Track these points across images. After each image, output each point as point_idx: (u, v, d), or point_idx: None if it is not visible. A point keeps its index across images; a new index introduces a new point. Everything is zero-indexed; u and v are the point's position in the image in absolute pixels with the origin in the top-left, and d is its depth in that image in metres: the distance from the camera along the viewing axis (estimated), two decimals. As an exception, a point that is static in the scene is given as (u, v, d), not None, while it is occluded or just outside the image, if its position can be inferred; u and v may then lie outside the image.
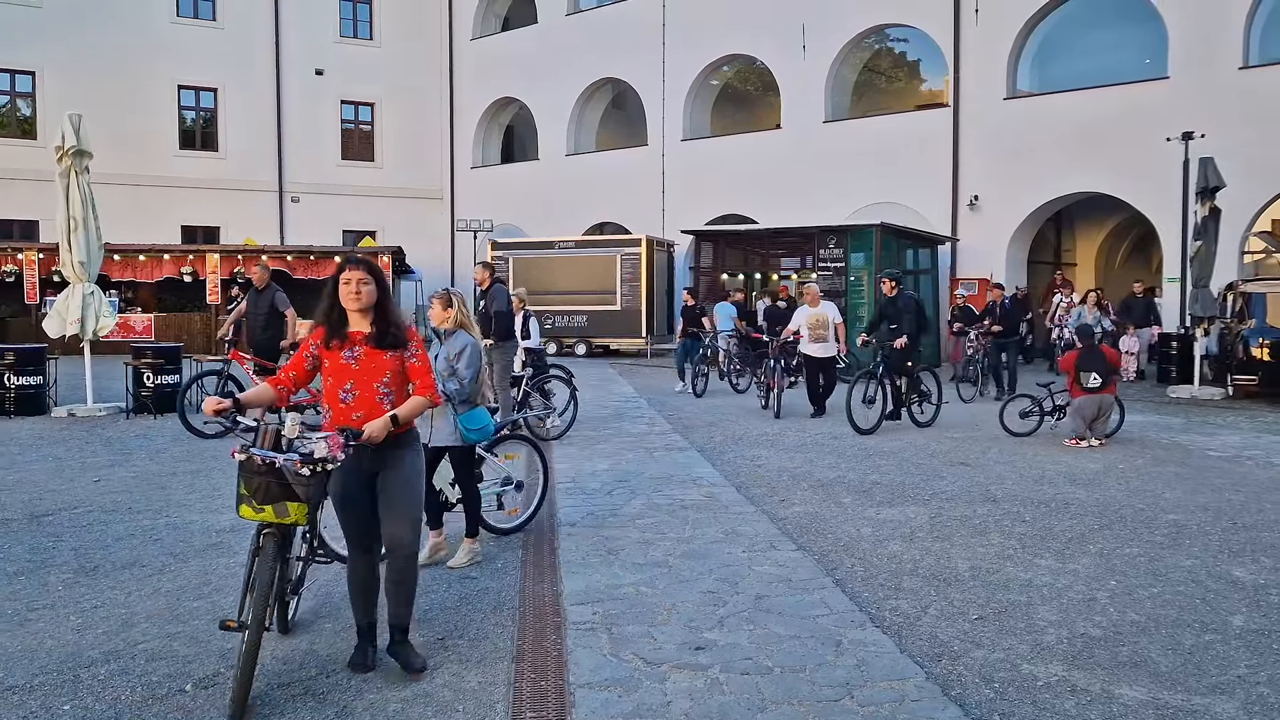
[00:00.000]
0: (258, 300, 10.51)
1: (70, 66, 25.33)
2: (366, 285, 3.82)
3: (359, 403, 3.80)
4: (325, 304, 3.88)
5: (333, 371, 3.83)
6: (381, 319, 3.87)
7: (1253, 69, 16.85)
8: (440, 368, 5.33)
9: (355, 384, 3.81)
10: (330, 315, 3.86)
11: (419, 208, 29.79)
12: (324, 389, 3.84)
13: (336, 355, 3.83)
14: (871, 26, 21.97)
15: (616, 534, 6.12)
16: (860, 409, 10.47)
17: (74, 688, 3.76)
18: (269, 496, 3.54)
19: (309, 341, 3.86)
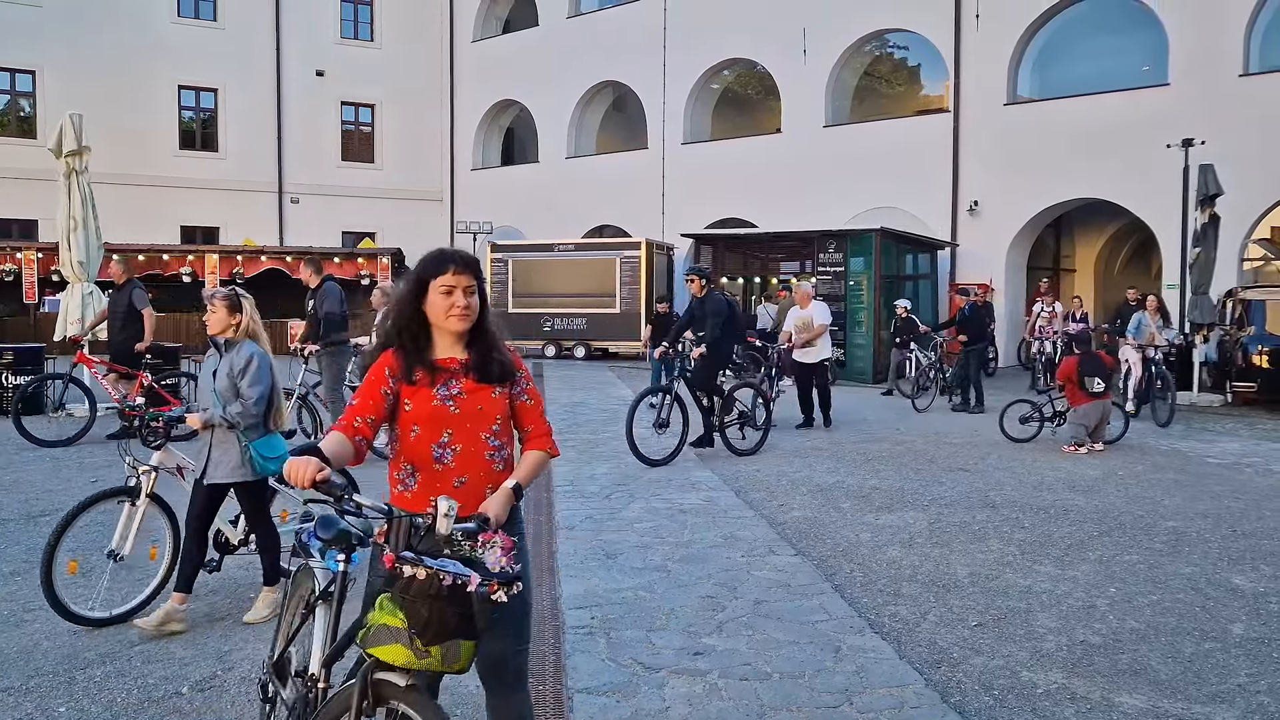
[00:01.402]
0: (116, 298, 9.95)
1: (70, 66, 25.31)
2: (473, 296, 2.70)
3: (463, 463, 2.70)
4: (400, 318, 2.73)
5: (421, 417, 2.67)
6: (482, 341, 2.76)
7: (1253, 76, 16.88)
8: (220, 386, 4.52)
9: (455, 435, 2.68)
10: (410, 336, 2.71)
11: (419, 209, 29.78)
12: (401, 439, 2.71)
13: (425, 394, 2.67)
14: (872, 31, 21.99)
15: (615, 538, 6.11)
16: (648, 434, 8.78)
17: (70, 689, 3.74)
18: (442, 633, 2.29)
19: (379, 369, 2.69)
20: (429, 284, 2.69)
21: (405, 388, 2.67)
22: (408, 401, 2.67)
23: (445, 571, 2.28)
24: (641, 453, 8.48)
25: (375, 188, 29.19)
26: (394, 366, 2.68)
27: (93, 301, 11.88)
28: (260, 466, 4.58)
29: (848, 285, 17.47)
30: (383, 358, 2.73)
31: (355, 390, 2.99)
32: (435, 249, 2.80)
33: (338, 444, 2.54)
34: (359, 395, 2.68)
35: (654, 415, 8.83)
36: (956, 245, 20.40)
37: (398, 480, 2.75)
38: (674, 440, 8.85)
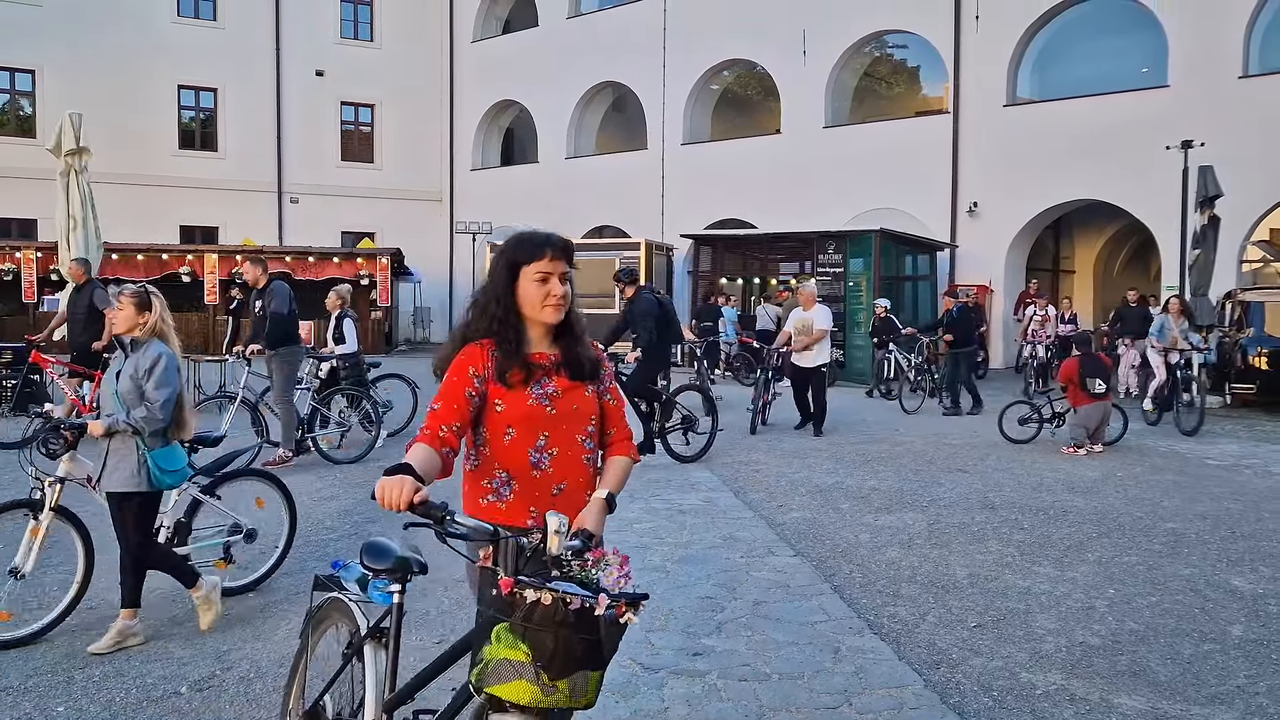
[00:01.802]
0: (76, 299, 9.84)
1: (70, 65, 25.30)
2: (567, 284, 2.52)
3: (561, 468, 2.47)
4: (493, 308, 2.47)
5: (516, 418, 2.42)
6: (570, 334, 2.55)
7: (1253, 78, 16.89)
8: (123, 388, 4.21)
9: (552, 437, 2.45)
10: (505, 329, 2.45)
11: (418, 209, 29.77)
12: (490, 445, 2.45)
13: (520, 394, 2.42)
14: (872, 32, 22.00)
15: (614, 538, 6.07)
16: None
17: (68, 689, 3.74)
18: (569, 664, 2.03)
19: (462, 369, 2.41)
20: (521, 270, 2.45)
21: (496, 388, 2.42)
22: (499, 402, 2.42)
23: (571, 595, 2.00)
24: None
25: (375, 188, 29.18)
26: (482, 364, 2.41)
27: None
28: (156, 479, 4.24)
29: (847, 286, 17.48)
30: (464, 356, 2.44)
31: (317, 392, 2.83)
32: (525, 231, 2.53)
33: (425, 458, 2.26)
34: (440, 400, 2.38)
35: None
36: (956, 246, 20.41)
37: (487, 490, 2.47)
38: None
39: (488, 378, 2.41)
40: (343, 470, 8.31)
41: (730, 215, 23.53)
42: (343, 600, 2.65)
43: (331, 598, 2.71)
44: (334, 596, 2.69)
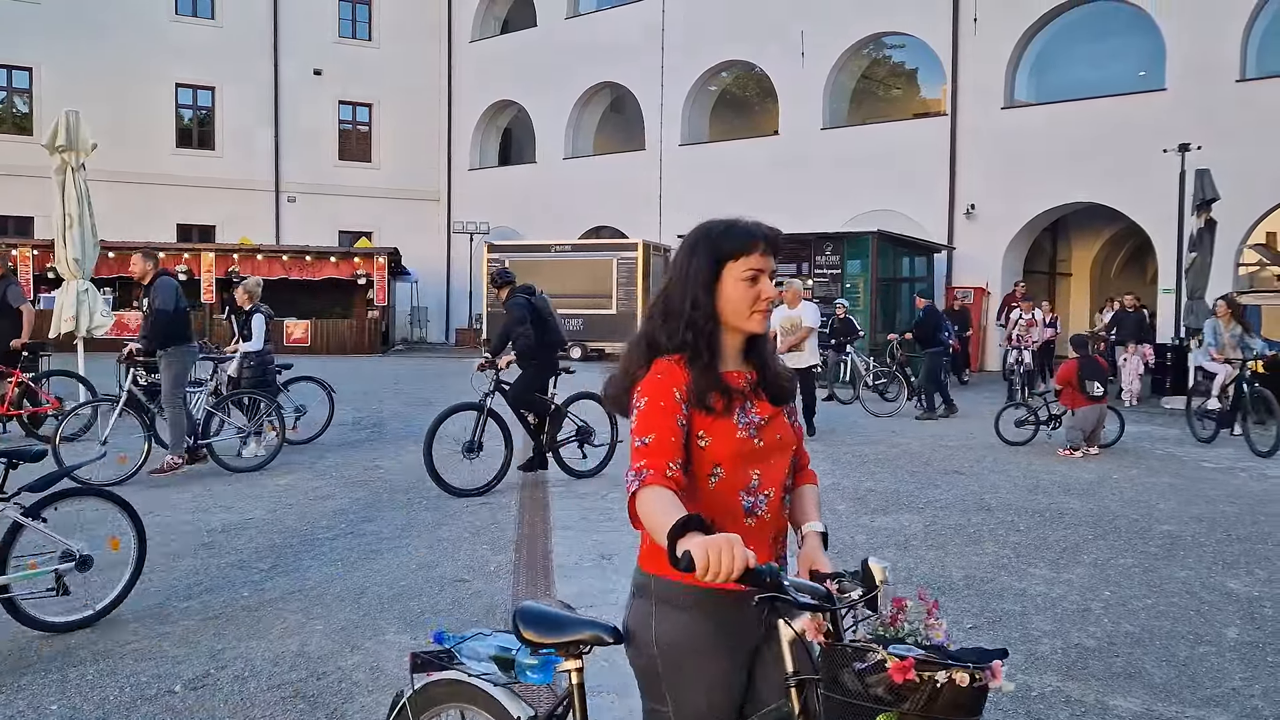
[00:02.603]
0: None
1: (68, 63, 25.27)
2: (775, 286, 2.09)
3: (775, 512, 2.06)
4: (689, 316, 1.99)
5: (724, 453, 1.97)
6: (762, 348, 2.11)
7: (1250, 81, 16.92)
8: None
9: (763, 476, 2.02)
10: (704, 341, 1.99)
11: (416, 209, 29.76)
12: (693, 485, 1.94)
13: (726, 424, 1.97)
14: (870, 34, 22.03)
15: (610, 538, 6.10)
16: (451, 458, 7.56)
17: (62, 687, 3.73)
18: None
19: (666, 390, 1.93)
20: (726, 266, 2.00)
21: (699, 416, 1.94)
22: (704, 435, 1.94)
23: (961, 668, 1.63)
24: (445, 480, 7.23)
25: (372, 187, 29.17)
26: (684, 386, 1.93)
27: (88, 299, 11.84)
28: None
29: (844, 288, 17.49)
30: (665, 376, 1.94)
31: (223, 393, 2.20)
32: (726, 218, 2.10)
33: (680, 506, 1.78)
34: (651, 431, 1.88)
35: (467, 438, 7.60)
36: (953, 249, 20.43)
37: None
38: (494, 464, 7.56)
39: (691, 403, 1.94)
40: (341, 469, 8.30)
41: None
42: (472, 684, 2.13)
43: (449, 680, 2.18)
44: (454, 679, 2.17)
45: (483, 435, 7.59)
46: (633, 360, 2.04)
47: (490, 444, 7.66)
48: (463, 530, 6.26)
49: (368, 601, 4.79)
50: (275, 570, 5.30)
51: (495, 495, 7.34)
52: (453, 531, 6.23)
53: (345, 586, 5.03)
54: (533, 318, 7.87)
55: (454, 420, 7.57)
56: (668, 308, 2.03)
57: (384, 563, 5.48)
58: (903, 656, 1.60)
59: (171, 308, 7.82)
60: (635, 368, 2.02)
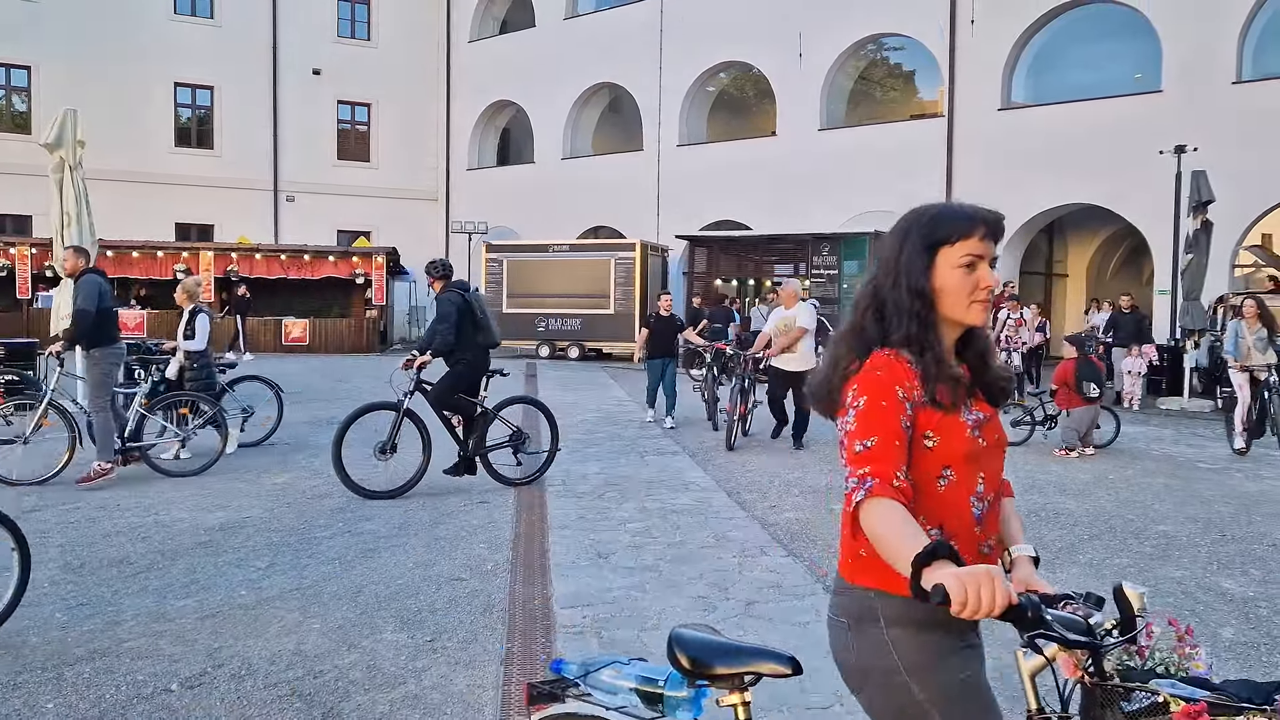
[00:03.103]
0: None
1: (66, 62, 25.25)
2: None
3: (993, 521, 1.91)
4: (907, 306, 1.84)
5: (955, 455, 1.81)
6: (976, 342, 1.95)
7: (1246, 84, 16.96)
8: None
9: (987, 480, 1.87)
10: (927, 333, 1.84)
11: (414, 209, 29.77)
12: (921, 490, 1.77)
13: (956, 423, 1.82)
14: (868, 35, 22.05)
15: (607, 537, 6.11)
16: (364, 461, 7.26)
17: (58, 685, 3.73)
18: None
19: (888, 388, 1.76)
20: (940, 252, 1.85)
21: (927, 415, 1.79)
22: (932, 435, 1.79)
23: (1258, 712, 1.51)
24: (356, 482, 7.03)
25: (371, 187, 29.17)
26: (908, 383, 1.78)
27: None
28: None
29: (841, 289, 17.52)
30: (885, 372, 1.78)
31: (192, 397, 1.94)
32: (942, 203, 1.94)
33: (916, 524, 1.64)
34: (874, 433, 1.71)
35: (382, 438, 7.28)
36: (951, 249, 20.44)
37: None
38: (410, 466, 7.30)
39: (916, 401, 1.78)
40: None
41: (725, 217, 23.55)
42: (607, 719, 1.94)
43: (575, 715, 1.98)
44: (581, 714, 1.97)
45: (398, 436, 7.26)
46: (841, 356, 1.88)
47: (410, 446, 7.34)
48: (460, 529, 6.27)
49: (365, 600, 4.79)
50: (272, 569, 5.30)
51: (492, 494, 7.35)
52: (450, 530, 6.24)
53: (342, 585, 5.03)
54: (466, 316, 7.53)
55: (372, 420, 7.32)
56: (879, 299, 1.88)
57: (381, 561, 5.48)
58: (1190, 699, 1.45)
59: (93, 307, 7.45)
60: (846, 364, 1.86)
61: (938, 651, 1.78)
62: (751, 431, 10.54)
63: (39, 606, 4.60)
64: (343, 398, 11.35)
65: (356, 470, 7.10)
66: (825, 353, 1.96)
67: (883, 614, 1.78)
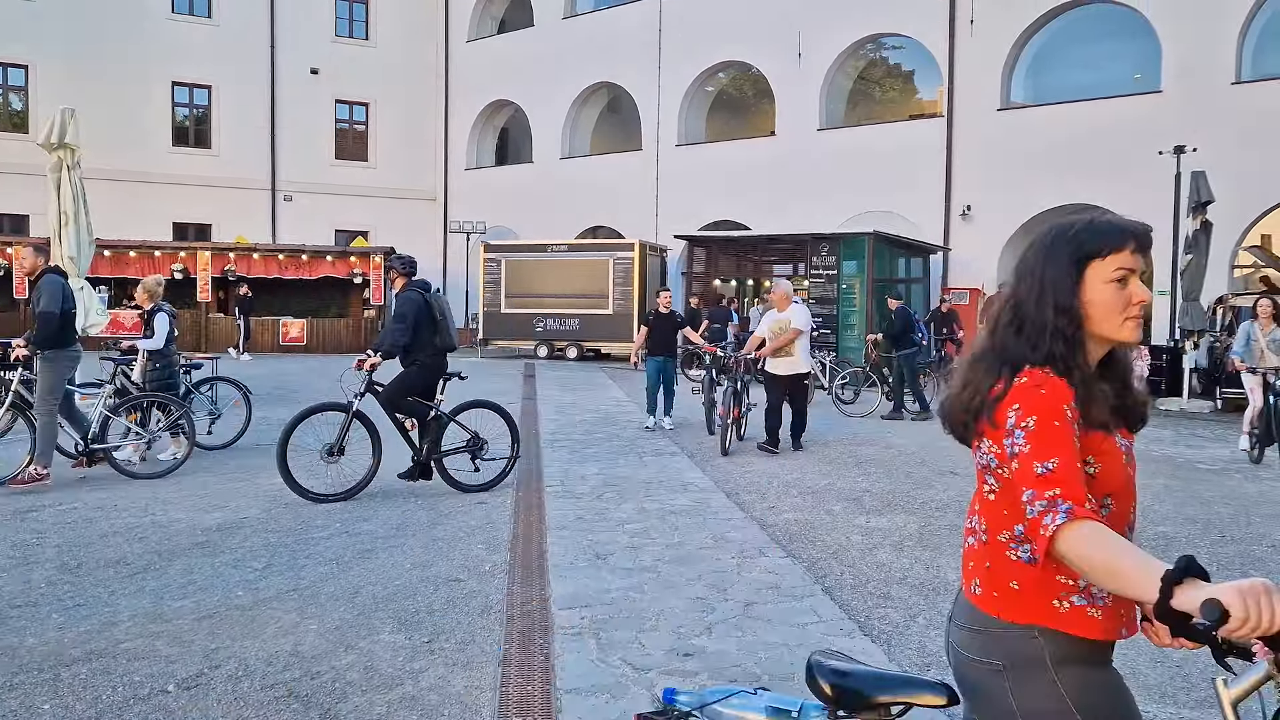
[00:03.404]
0: None
1: (64, 61, 25.24)
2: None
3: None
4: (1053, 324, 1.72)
5: (1115, 482, 1.72)
6: (1118, 367, 1.82)
7: (1245, 84, 16.97)
8: None
9: (1135, 509, 1.79)
10: (1076, 353, 1.73)
11: (412, 208, 29.76)
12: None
13: (1113, 448, 1.73)
14: (867, 35, 22.06)
15: (605, 538, 6.10)
16: (314, 468, 7.09)
17: (54, 686, 3.71)
18: None
19: (1057, 407, 1.63)
20: (1090, 265, 1.74)
21: (1087, 438, 1.68)
22: (1094, 461, 1.68)
23: None
24: (302, 485, 6.86)
25: (369, 186, 29.17)
26: (1071, 401, 1.66)
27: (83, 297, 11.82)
28: None
29: (840, 289, 17.51)
30: (1050, 391, 1.66)
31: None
32: (1088, 216, 1.82)
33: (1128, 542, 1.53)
34: (1058, 454, 1.59)
35: (333, 439, 7.08)
36: (949, 250, 20.45)
37: (1072, 588, 1.67)
38: (360, 469, 7.13)
39: (1081, 423, 1.67)
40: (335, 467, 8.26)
41: (724, 217, 23.55)
42: None
43: None
44: None
45: (347, 439, 7.07)
46: (979, 376, 1.76)
47: (361, 448, 7.17)
48: (457, 529, 6.26)
49: (362, 601, 4.78)
50: (270, 569, 5.29)
51: (490, 495, 7.34)
52: (447, 531, 6.22)
53: (340, 586, 5.02)
54: (424, 316, 7.33)
55: (321, 421, 7.15)
56: (1020, 316, 1.76)
57: (379, 562, 5.47)
58: None
59: (57, 309, 7.30)
60: (989, 383, 1.73)
61: (1105, 689, 1.68)
62: (747, 435, 10.31)
63: (36, 607, 4.59)
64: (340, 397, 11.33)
65: (304, 472, 6.96)
66: (954, 373, 1.85)
67: (1049, 654, 1.65)
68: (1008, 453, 1.64)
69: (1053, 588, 1.67)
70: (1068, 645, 1.65)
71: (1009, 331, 1.76)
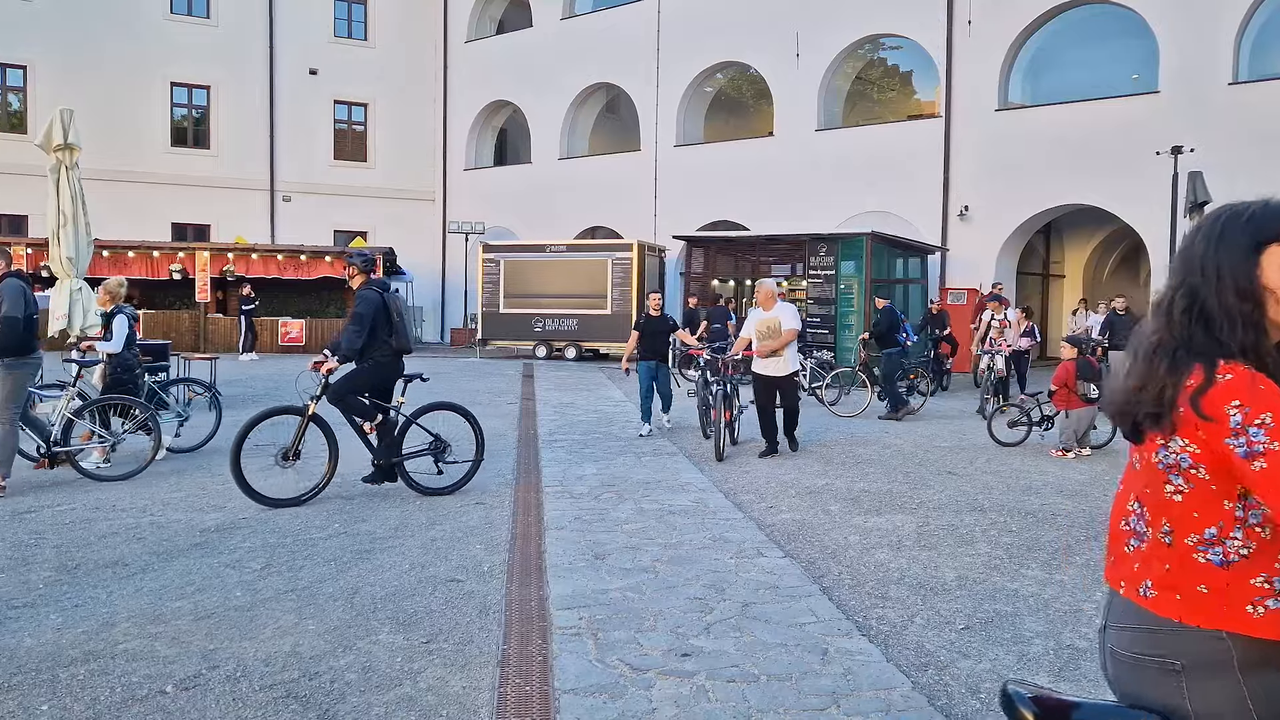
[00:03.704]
0: None
1: (62, 61, 25.22)
2: None
3: None
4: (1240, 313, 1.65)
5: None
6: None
7: (1242, 84, 16.99)
8: None
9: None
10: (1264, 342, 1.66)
11: (411, 209, 29.75)
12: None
13: None
14: (865, 36, 22.07)
15: (603, 538, 6.11)
16: (268, 472, 7.03)
17: (52, 687, 3.72)
18: None
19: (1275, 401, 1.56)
20: (1268, 250, 1.65)
21: None
22: None
23: None
24: (255, 489, 6.68)
25: (367, 187, 29.16)
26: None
27: (81, 298, 11.82)
28: None
29: (838, 289, 17.51)
30: (1266, 382, 1.58)
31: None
32: (1257, 200, 1.72)
33: None
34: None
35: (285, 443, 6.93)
36: (947, 250, 20.47)
37: (1267, 592, 1.60)
38: (317, 474, 7.03)
39: None
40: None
41: (722, 217, 23.56)
42: None
43: None
44: None
45: (302, 443, 6.93)
46: (1164, 372, 1.65)
47: (319, 452, 7.09)
48: (456, 530, 6.26)
49: (361, 601, 4.78)
50: (268, 570, 5.29)
51: (489, 496, 7.34)
52: (446, 531, 6.23)
53: (338, 586, 5.02)
54: (380, 316, 7.14)
55: (277, 425, 7.00)
56: (1196, 305, 1.67)
57: (377, 562, 5.47)
58: None
59: (21, 314, 7.04)
60: (1178, 378, 1.63)
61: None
62: (741, 439, 10.06)
63: (34, 608, 4.59)
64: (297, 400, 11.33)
65: (261, 476, 6.86)
66: (1126, 368, 1.75)
67: (1238, 659, 1.59)
68: (1242, 451, 1.54)
69: (1247, 592, 1.60)
70: (1260, 651, 1.59)
71: (1190, 322, 1.67)
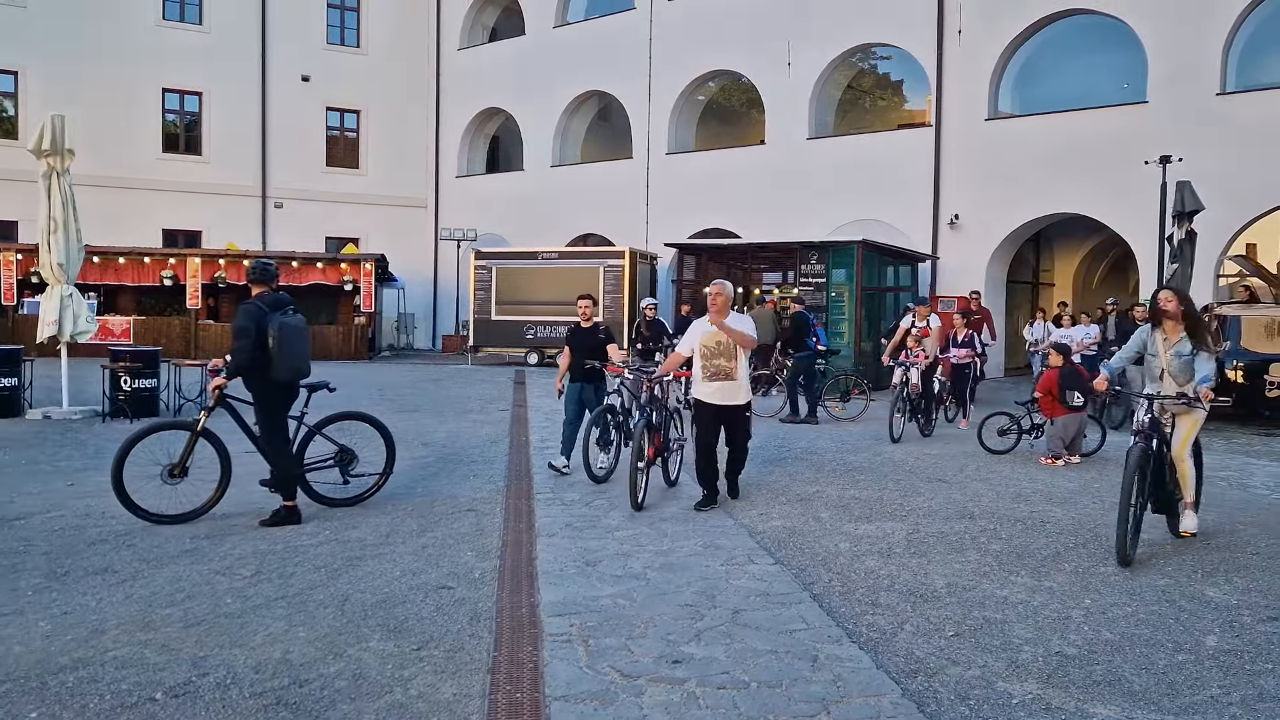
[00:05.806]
0: None
1: (54, 67, 25.16)
2: None
3: None
4: None
5: None
6: None
7: (1230, 94, 17.12)
8: None
9: None
10: None
11: (403, 216, 29.74)
12: None
13: None
14: (856, 45, 22.17)
15: (594, 545, 6.11)
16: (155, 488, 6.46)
17: (41, 694, 3.71)
18: None
19: None
20: None
21: None
22: None
23: None
24: (139, 505, 6.35)
25: (359, 194, 29.13)
26: None
27: (71, 304, 11.79)
28: None
29: (829, 297, 17.56)
30: None
31: None
32: None
33: None
34: None
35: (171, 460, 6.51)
36: (937, 258, 20.55)
37: None
38: (208, 488, 6.65)
39: None
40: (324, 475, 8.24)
41: (714, 225, 23.61)
42: None
43: None
44: None
45: (190, 459, 6.53)
46: None
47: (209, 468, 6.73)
48: (446, 537, 6.26)
49: (351, 608, 4.78)
50: (258, 577, 5.28)
51: (479, 503, 7.34)
52: (436, 538, 6.22)
53: (329, 593, 5.02)
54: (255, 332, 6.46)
55: (162, 439, 6.62)
56: None
57: (368, 569, 5.47)
58: None
59: None
60: None
61: None
62: (679, 479, 8.21)
63: (23, 615, 4.58)
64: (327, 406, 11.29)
65: (151, 494, 6.46)
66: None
67: None
68: None
69: None
70: None
71: None
